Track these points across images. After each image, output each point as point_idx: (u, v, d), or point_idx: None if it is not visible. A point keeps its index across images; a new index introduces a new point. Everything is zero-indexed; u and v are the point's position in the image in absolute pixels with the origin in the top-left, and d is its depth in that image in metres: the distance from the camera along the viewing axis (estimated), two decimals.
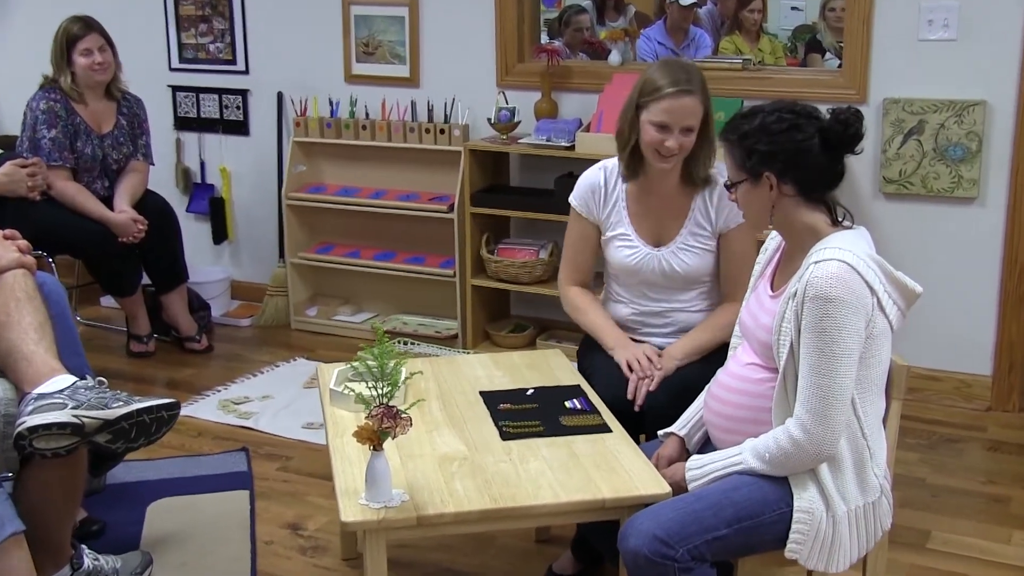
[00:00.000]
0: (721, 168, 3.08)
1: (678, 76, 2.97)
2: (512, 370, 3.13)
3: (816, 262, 2.31)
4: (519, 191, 4.92)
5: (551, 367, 3.16)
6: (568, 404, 2.86)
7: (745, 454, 2.41)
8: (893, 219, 4.33)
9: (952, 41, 4.16)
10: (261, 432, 4.19)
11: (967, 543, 3.37)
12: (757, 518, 2.34)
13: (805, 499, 2.35)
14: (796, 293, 2.33)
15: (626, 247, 3.18)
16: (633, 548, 2.28)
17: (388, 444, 2.35)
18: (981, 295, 4.30)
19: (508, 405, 2.85)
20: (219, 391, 4.60)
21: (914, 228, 4.33)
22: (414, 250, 5.22)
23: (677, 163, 3.06)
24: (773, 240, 2.66)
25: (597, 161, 4.29)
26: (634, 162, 3.12)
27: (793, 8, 7.40)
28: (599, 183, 3.22)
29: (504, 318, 5.13)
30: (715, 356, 3.06)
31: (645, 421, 2.92)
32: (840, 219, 2.47)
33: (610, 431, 2.71)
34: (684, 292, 3.17)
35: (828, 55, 6.36)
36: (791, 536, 2.35)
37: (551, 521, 2.46)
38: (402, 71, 5.16)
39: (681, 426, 2.70)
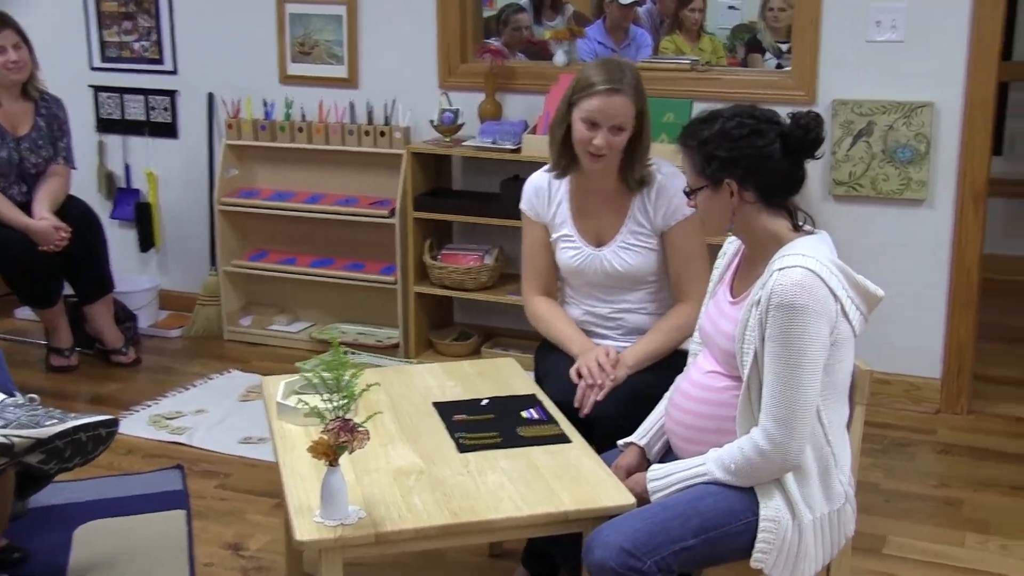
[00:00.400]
0: (660, 165, 3.13)
1: (611, 75, 3.01)
2: (464, 379, 3.12)
3: (780, 269, 2.32)
4: (463, 195, 4.92)
5: (504, 376, 3.15)
6: (525, 414, 2.86)
7: (709, 464, 2.42)
8: (843, 221, 4.39)
9: (900, 42, 4.24)
10: (196, 448, 4.13)
11: (922, 547, 3.43)
12: (723, 528, 2.36)
13: (771, 508, 2.37)
14: (760, 301, 2.35)
15: (570, 248, 3.20)
16: (599, 561, 2.28)
17: (342, 459, 2.33)
18: (930, 297, 4.38)
19: (463, 416, 2.84)
20: (149, 406, 4.53)
21: (864, 230, 4.40)
22: (353, 256, 5.19)
23: (612, 163, 3.08)
24: (731, 244, 2.68)
25: (544, 164, 4.31)
26: (565, 158, 3.15)
27: (730, 7, 7.49)
28: (543, 184, 3.26)
29: (447, 326, 5.12)
30: (665, 364, 3.08)
31: (595, 431, 2.92)
32: (801, 223, 2.50)
33: (569, 441, 2.71)
34: (630, 292, 3.19)
35: (768, 55, 6.45)
36: (757, 545, 2.37)
37: (514, 535, 2.46)
38: (340, 71, 5.14)
39: (641, 435, 2.71)
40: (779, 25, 6.30)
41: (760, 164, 2.41)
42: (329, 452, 2.27)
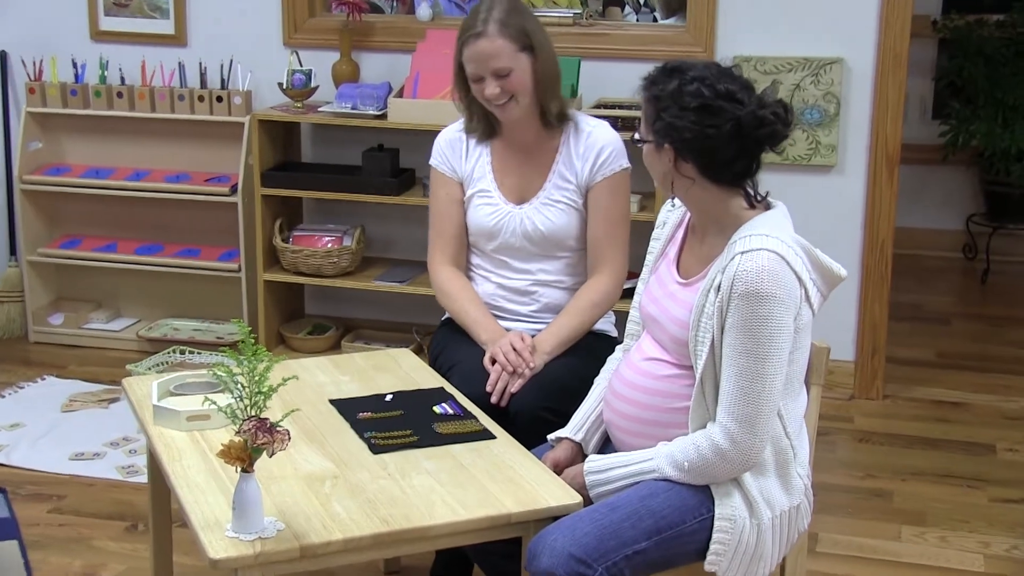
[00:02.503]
0: (582, 117, 3.21)
1: (474, 18, 3.09)
2: (359, 374, 3.11)
3: (743, 252, 2.35)
4: (319, 168, 4.87)
5: (403, 369, 3.15)
6: (438, 409, 2.86)
7: (659, 460, 2.47)
8: None
9: None
10: (18, 468, 4.01)
11: (857, 543, 3.58)
12: (677, 527, 2.41)
13: (727, 505, 2.43)
14: (720, 287, 2.38)
15: (486, 204, 3.24)
16: (546, 569, 2.31)
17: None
18: None
19: (368, 414, 2.83)
20: None
21: None
22: (186, 241, 5.11)
23: (525, 107, 3.12)
24: (672, 213, 2.70)
25: (413, 131, 4.34)
26: (477, 118, 3.22)
27: None
28: (458, 137, 3.30)
29: (299, 318, 5.08)
30: (585, 348, 3.14)
31: (516, 425, 2.95)
32: (755, 195, 2.50)
33: (494, 437, 2.73)
34: (548, 260, 3.24)
35: (627, 8, 6.57)
36: (711, 547, 2.42)
37: (452, 542, 2.46)
38: (165, 27, 5.04)
39: (576, 429, 2.74)
40: None
41: (700, 143, 2.40)
42: (244, 456, 2.23)
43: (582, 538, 2.34)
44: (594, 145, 3.17)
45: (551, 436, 2.77)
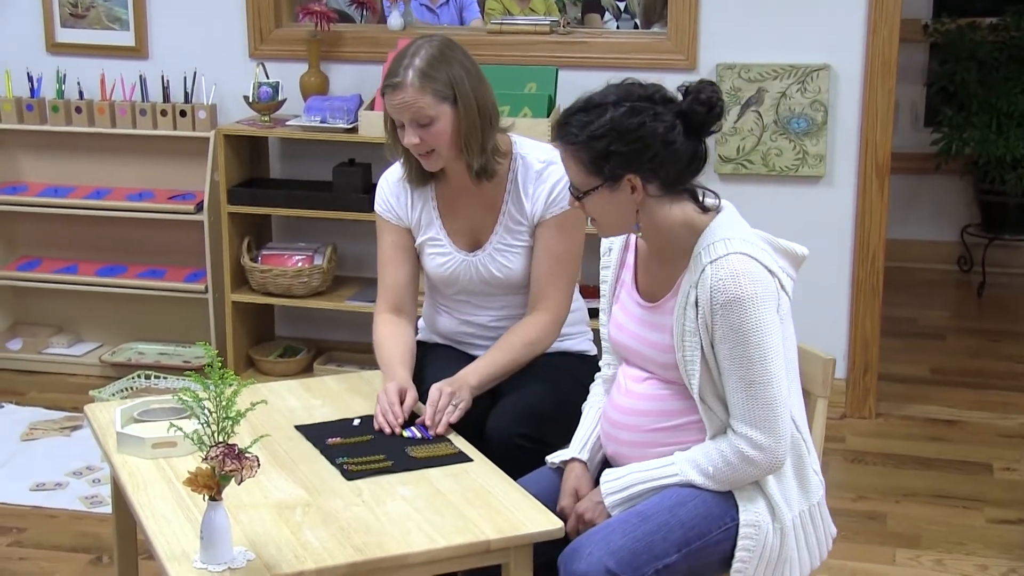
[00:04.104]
0: (533, 149, 3.18)
1: (395, 66, 3.04)
2: (331, 398, 3.13)
3: (712, 261, 2.43)
4: (288, 184, 4.92)
5: (377, 391, 3.17)
6: (408, 433, 2.89)
7: (681, 464, 2.52)
8: (731, 203, 4.54)
9: None
10: None
11: (851, 568, 3.63)
12: (704, 538, 2.47)
13: (751, 512, 2.49)
14: (697, 301, 2.44)
15: (438, 254, 3.23)
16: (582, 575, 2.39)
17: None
18: (831, 286, 4.60)
19: (338, 439, 2.86)
20: None
21: (755, 212, 4.45)
22: (150, 262, 5.14)
23: (447, 159, 3.10)
24: (616, 240, 2.76)
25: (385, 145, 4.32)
26: (411, 162, 3.17)
27: None
28: (403, 182, 3.25)
29: (269, 340, 5.10)
30: (562, 372, 3.16)
31: (490, 451, 2.97)
32: (702, 199, 2.57)
33: (470, 460, 2.76)
34: (512, 295, 3.25)
35: (608, 15, 6.65)
36: (737, 554, 2.49)
37: (430, 571, 2.48)
38: (125, 39, 5.07)
39: (580, 447, 2.75)
40: None
41: (665, 153, 2.47)
42: (212, 484, 2.25)
43: (617, 551, 2.41)
44: (545, 183, 3.14)
45: (552, 458, 2.78)
